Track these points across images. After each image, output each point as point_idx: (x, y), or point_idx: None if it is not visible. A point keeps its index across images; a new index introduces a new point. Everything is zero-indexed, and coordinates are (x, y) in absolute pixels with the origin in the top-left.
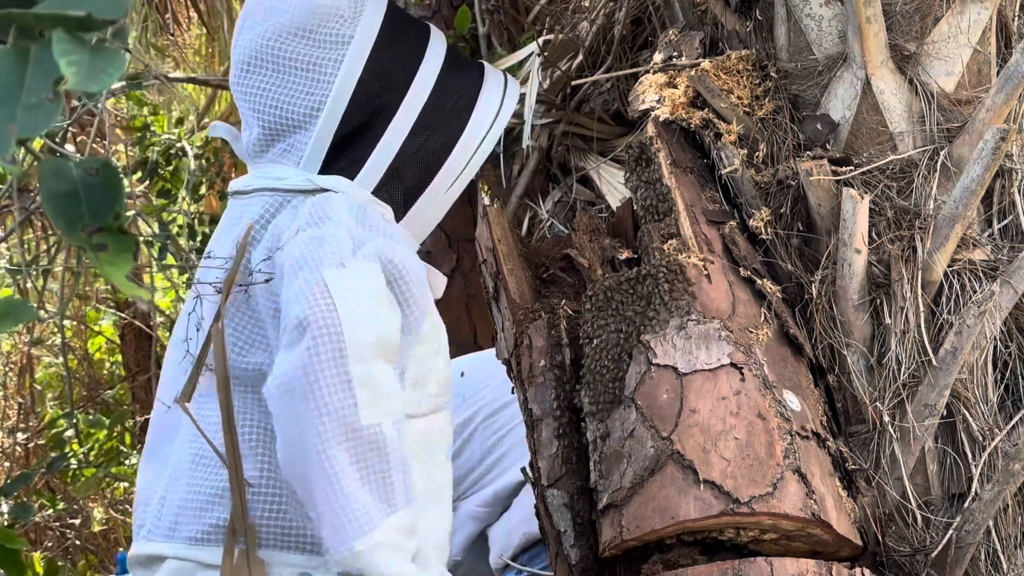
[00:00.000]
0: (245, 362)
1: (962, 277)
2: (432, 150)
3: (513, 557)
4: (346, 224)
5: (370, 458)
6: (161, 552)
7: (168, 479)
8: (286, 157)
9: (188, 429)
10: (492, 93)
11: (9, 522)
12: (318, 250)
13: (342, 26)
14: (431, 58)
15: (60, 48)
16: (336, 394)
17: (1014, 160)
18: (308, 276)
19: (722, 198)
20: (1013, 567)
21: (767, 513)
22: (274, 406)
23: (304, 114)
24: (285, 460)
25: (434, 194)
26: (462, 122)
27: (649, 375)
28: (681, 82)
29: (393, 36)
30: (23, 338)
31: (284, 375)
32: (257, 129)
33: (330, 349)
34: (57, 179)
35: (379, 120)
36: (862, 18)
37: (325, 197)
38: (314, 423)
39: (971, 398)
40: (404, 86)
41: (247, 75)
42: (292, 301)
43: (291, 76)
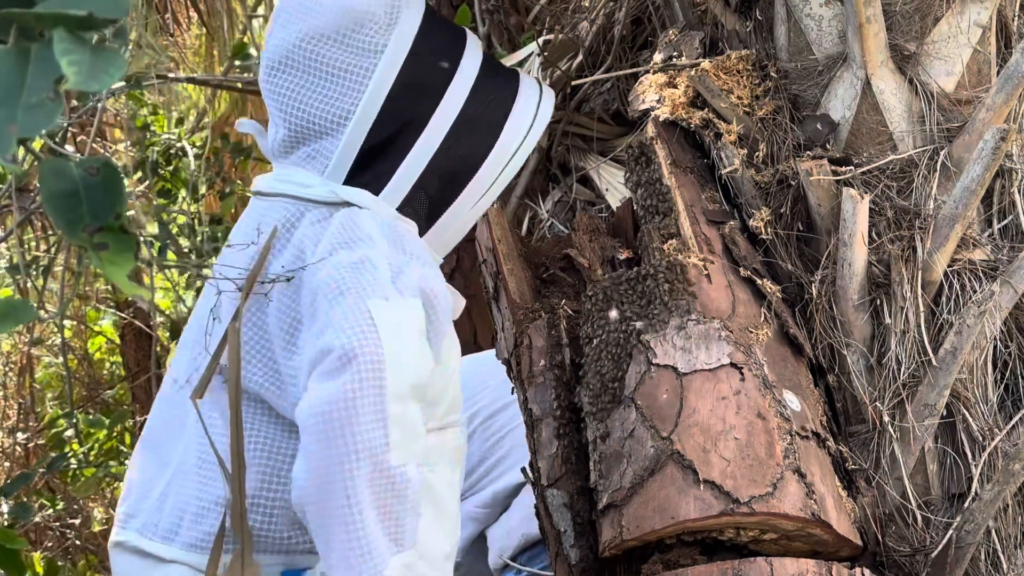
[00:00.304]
0: (245, 373)
1: (962, 277)
2: (461, 164)
3: (512, 557)
4: (381, 247)
5: (390, 499)
6: (158, 553)
7: (171, 477)
8: (311, 163)
9: (196, 428)
10: (526, 103)
11: (9, 522)
12: (359, 277)
13: (376, 33)
14: (465, 68)
15: (61, 48)
16: (372, 432)
17: (1014, 160)
18: (352, 305)
19: (722, 198)
20: (1013, 567)
21: (767, 513)
22: (307, 434)
23: (332, 121)
24: (306, 487)
25: (460, 209)
26: (493, 136)
27: (649, 375)
28: (681, 82)
29: (428, 45)
30: (23, 338)
31: (322, 406)
32: (283, 130)
33: (372, 385)
34: (58, 179)
35: (408, 133)
36: (862, 18)
37: (353, 214)
38: (347, 459)
39: (971, 398)
40: (436, 98)
41: (276, 74)
42: (332, 328)
43: (321, 80)
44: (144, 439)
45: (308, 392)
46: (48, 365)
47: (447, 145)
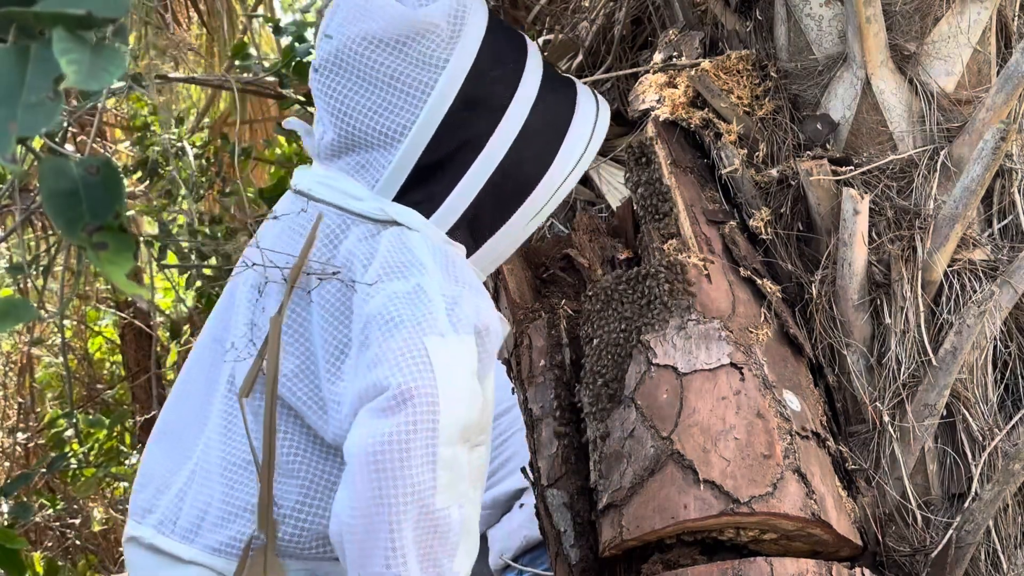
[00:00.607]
0: (291, 390)
1: (962, 277)
2: (515, 184)
3: (514, 558)
4: (434, 275)
5: (432, 540)
6: (176, 552)
7: (191, 474)
8: (360, 173)
9: (220, 427)
10: (584, 119)
11: (9, 522)
12: (414, 310)
13: (438, 47)
14: (527, 84)
15: (60, 47)
16: (422, 474)
17: (1014, 160)
18: (408, 340)
19: (722, 198)
20: (1013, 567)
21: (767, 513)
22: (357, 470)
23: (386, 134)
24: (350, 523)
25: (511, 230)
26: (551, 154)
27: (649, 375)
28: (681, 82)
29: (490, 60)
30: (23, 338)
31: (375, 444)
32: (332, 133)
33: (427, 427)
34: (57, 178)
35: (465, 152)
36: (862, 18)
37: (403, 236)
38: (395, 499)
39: (971, 398)
40: (496, 117)
41: (329, 75)
42: (387, 363)
43: (377, 90)
44: (160, 429)
45: (360, 427)
46: (48, 365)
47: (504, 165)
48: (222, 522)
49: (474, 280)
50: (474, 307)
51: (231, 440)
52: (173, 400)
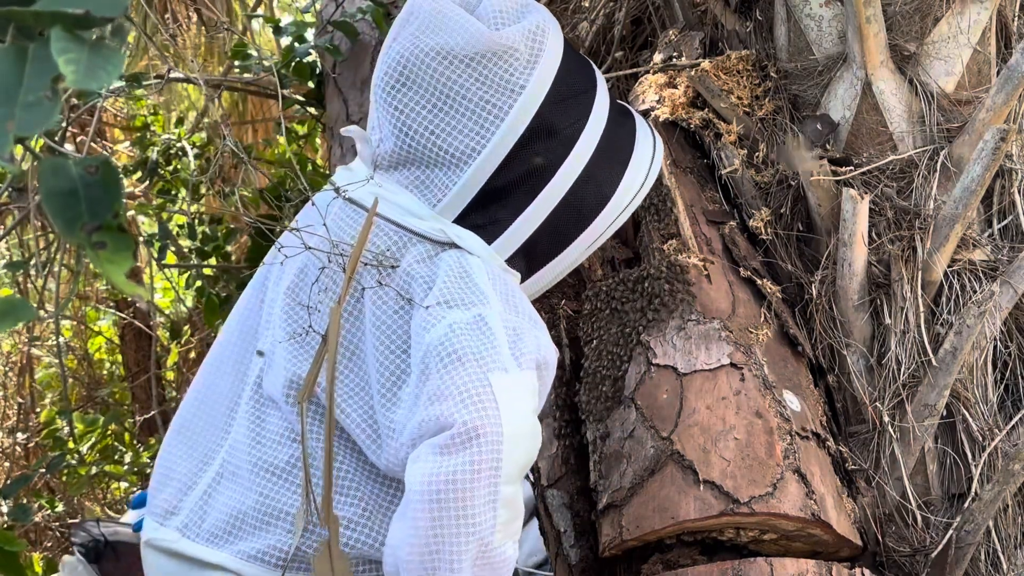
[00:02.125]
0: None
1: (962, 277)
2: (576, 217)
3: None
4: (495, 306)
5: None
6: (202, 556)
7: (216, 476)
8: (421, 191)
9: (247, 428)
10: (643, 153)
11: (8, 524)
12: (477, 343)
13: (516, 70)
14: (596, 114)
15: (59, 46)
16: (484, 513)
17: (1014, 160)
18: (473, 376)
19: (722, 198)
20: (1013, 567)
21: (767, 513)
22: (418, 506)
23: (454, 155)
24: (409, 559)
25: (566, 258)
26: (612, 186)
27: (649, 375)
28: (681, 82)
29: (565, 90)
30: (22, 338)
31: (439, 482)
32: (393, 144)
33: (490, 467)
34: (56, 177)
35: (531, 182)
36: (862, 18)
37: (463, 261)
38: (457, 537)
39: (971, 398)
40: (566, 149)
41: (396, 85)
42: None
43: (448, 108)
44: (180, 424)
45: (422, 463)
46: (48, 365)
47: (569, 195)
48: (256, 529)
49: (532, 310)
50: (534, 340)
51: (262, 444)
52: (195, 397)
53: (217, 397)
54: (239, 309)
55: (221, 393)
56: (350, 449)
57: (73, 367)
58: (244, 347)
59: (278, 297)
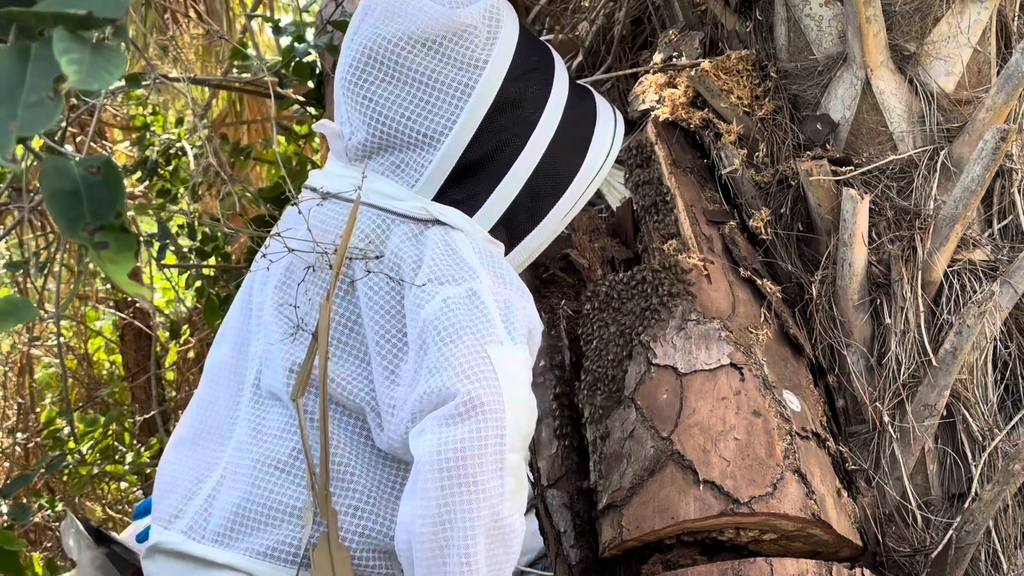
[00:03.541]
0: (350, 392)
1: (962, 277)
2: (551, 183)
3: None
4: (484, 279)
5: (498, 549)
6: (209, 556)
7: (220, 478)
8: (397, 174)
9: (248, 427)
10: (607, 120)
11: (8, 524)
12: (471, 317)
13: (476, 47)
14: (557, 88)
15: (61, 47)
16: (493, 480)
17: (1014, 160)
18: (471, 348)
19: (722, 198)
20: (1013, 567)
21: (767, 513)
22: (427, 478)
23: (426, 134)
24: (423, 532)
25: (546, 228)
26: (578, 159)
27: (649, 375)
28: (681, 82)
29: (525, 64)
30: (22, 338)
31: (447, 452)
32: (364, 134)
33: (495, 435)
34: (59, 177)
35: (504, 153)
36: (862, 18)
37: (448, 237)
38: (468, 505)
39: (971, 398)
40: (533, 119)
41: (362, 76)
42: (452, 371)
43: (413, 90)
44: (184, 435)
45: (428, 435)
46: (48, 365)
47: (541, 165)
48: (263, 525)
49: (517, 279)
50: (523, 311)
51: (263, 440)
52: (196, 407)
53: (218, 406)
54: (231, 317)
55: (221, 401)
56: (353, 436)
57: (73, 367)
58: (239, 354)
59: (267, 299)
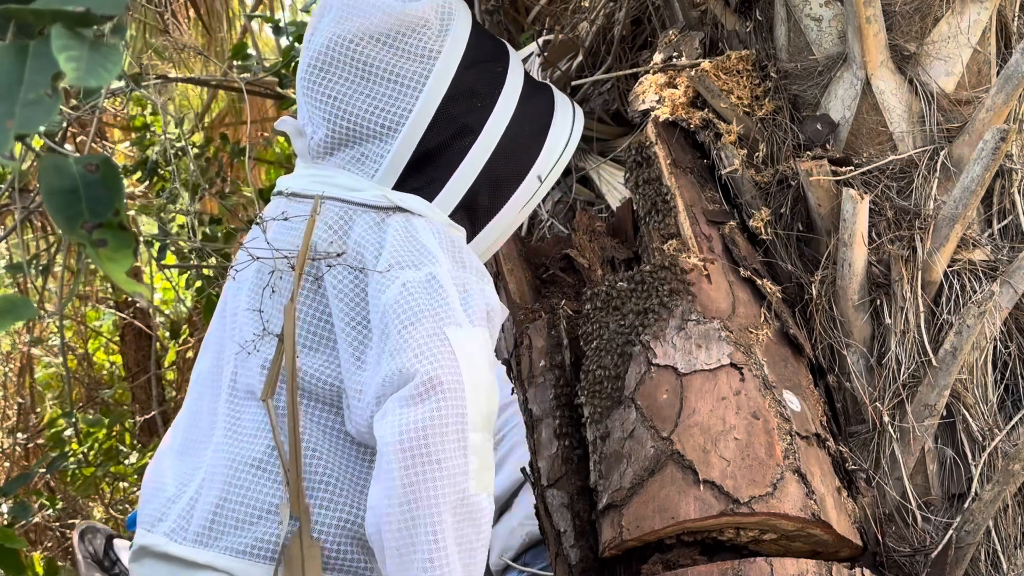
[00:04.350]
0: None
1: (962, 277)
2: (506, 175)
3: (516, 555)
4: (444, 263)
5: (467, 528)
6: (191, 557)
7: (201, 481)
8: (358, 166)
9: (225, 428)
10: (563, 118)
11: (8, 522)
12: (431, 300)
13: (429, 39)
14: (512, 78)
15: (59, 44)
16: (456, 459)
17: (1014, 160)
18: (430, 330)
19: (722, 198)
20: (1013, 567)
21: (767, 513)
22: (391, 459)
23: (382, 125)
24: (389, 512)
25: (504, 218)
26: (536, 147)
27: (649, 375)
28: (681, 82)
29: (477, 54)
30: (23, 338)
31: (408, 432)
32: (324, 130)
33: (455, 413)
34: (57, 176)
35: (460, 140)
36: (862, 18)
37: (409, 223)
38: (433, 483)
39: (971, 398)
40: (488, 107)
41: (320, 75)
42: (411, 352)
43: (370, 84)
44: (167, 446)
45: (390, 416)
46: (48, 365)
47: (499, 152)
48: (242, 524)
49: (477, 263)
50: (481, 293)
51: (238, 440)
52: (184, 420)
53: (202, 415)
54: (211, 328)
55: (205, 411)
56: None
57: (73, 367)
58: (218, 361)
59: (240, 304)
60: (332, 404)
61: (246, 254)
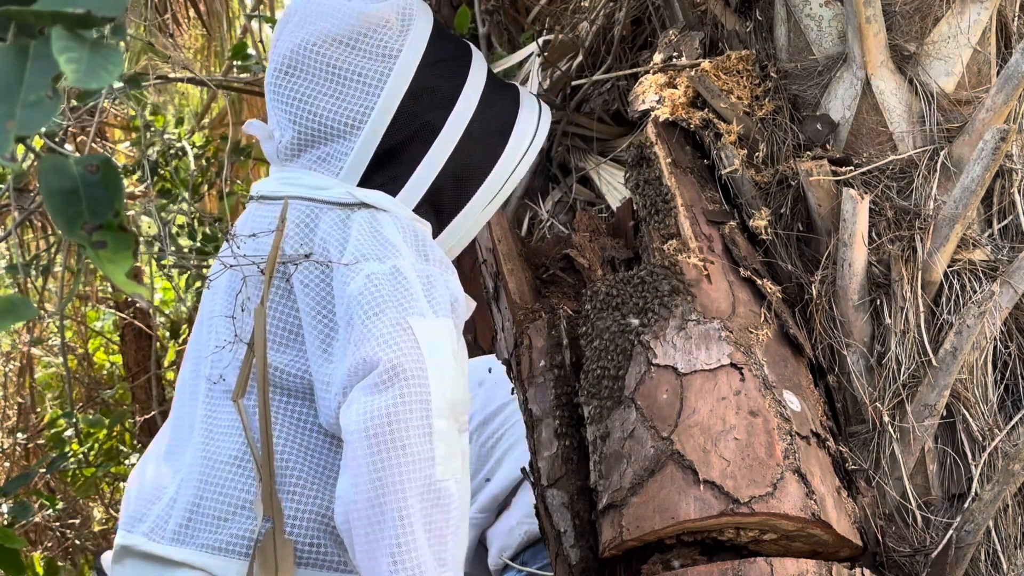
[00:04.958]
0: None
1: (962, 277)
2: (470, 171)
3: (515, 554)
4: (407, 256)
5: (435, 514)
6: (168, 555)
7: (181, 481)
8: (323, 166)
9: (202, 428)
10: (528, 117)
11: (8, 521)
12: (395, 291)
13: (390, 39)
14: (474, 77)
15: (59, 45)
16: (421, 444)
17: (1014, 160)
18: (393, 319)
19: (722, 198)
20: (1013, 567)
21: (767, 513)
22: (356, 446)
23: (346, 123)
24: (356, 500)
25: (471, 212)
26: (500, 144)
27: (649, 375)
28: (681, 82)
29: (438, 53)
30: (23, 338)
31: (372, 418)
32: (291, 132)
33: (419, 400)
34: (57, 176)
35: (422, 137)
36: (862, 18)
37: (373, 218)
38: (398, 468)
39: (971, 398)
40: (449, 104)
41: (286, 78)
42: (374, 341)
43: (334, 84)
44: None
45: (354, 405)
46: (48, 365)
47: (461, 148)
48: (218, 521)
49: (441, 255)
50: (444, 284)
51: (214, 438)
52: (169, 427)
53: (182, 419)
54: (192, 337)
55: (184, 415)
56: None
57: (73, 367)
58: (196, 368)
59: (216, 308)
60: (304, 397)
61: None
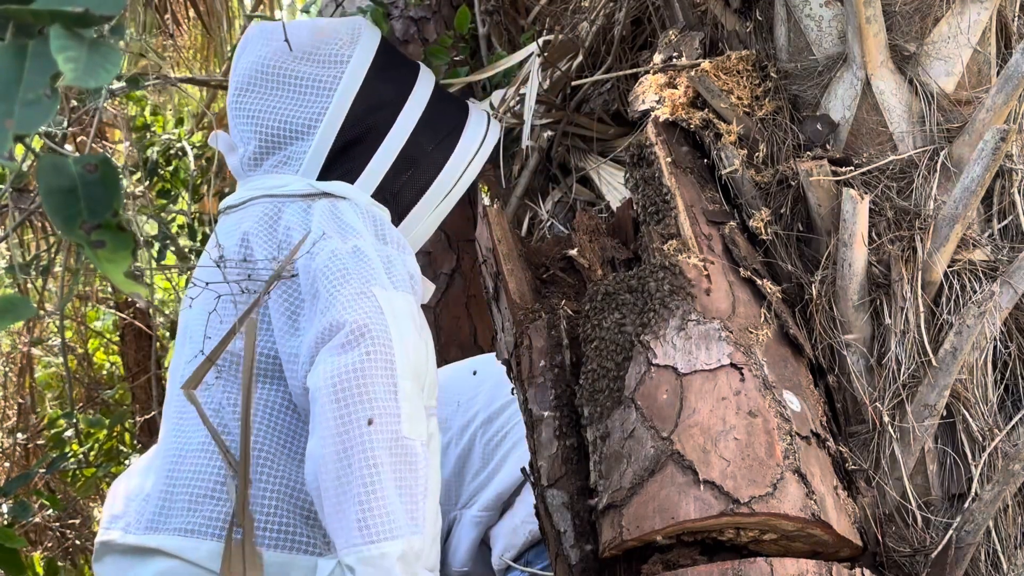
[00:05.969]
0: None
1: (962, 277)
2: (422, 168)
3: (519, 554)
4: (367, 238)
5: (404, 471)
6: (142, 543)
7: (155, 477)
8: (284, 167)
9: (173, 421)
10: (478, 122)
11: (8, 521)
12: (358, 264)
13: (341, 47)
14: (422, 83)
15: (57, 44)
16: (387, 400)
17: (1014, 160)
18: (358, 288)
19: (722, 198)
20: (1013, 567)
21: (767, 513)
22: (323, 403)
23: (304, 124)
24: (324, 454)
25: (425, 208)
26: (451, 145)
27: (649, 375)
28: (681, 82)
29: (387, 61)
30: (23, 338)
31: (337, 375)
32: (254, 143)
33: (384, 357)
34: (56, 176)
35: (375, 132)
36: (862, 18)
37: (333, 204)
38: (364, 420)
39: (971, 398)
40: (399, 103)
41: (246, 95)
42: (340, 305)
43: (291, 92)
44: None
45: (320, 365)
46: (48, 365)
47: (412, 143)
48: (190, 505)
49: (398, 236)
50: (403, 262)
51: (184, 429)
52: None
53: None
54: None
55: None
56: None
57: (73, 367)
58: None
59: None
60: (272, 378)
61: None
